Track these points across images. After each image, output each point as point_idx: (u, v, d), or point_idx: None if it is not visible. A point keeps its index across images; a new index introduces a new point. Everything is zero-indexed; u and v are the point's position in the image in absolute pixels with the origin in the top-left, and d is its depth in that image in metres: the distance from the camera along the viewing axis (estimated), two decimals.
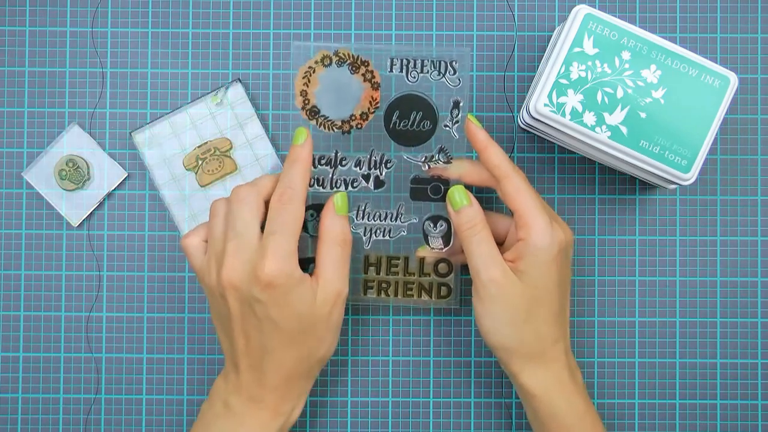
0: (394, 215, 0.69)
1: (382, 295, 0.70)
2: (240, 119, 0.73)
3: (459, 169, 0.67)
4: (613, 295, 0.73)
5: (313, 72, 0.66)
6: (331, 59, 0.66)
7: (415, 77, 0.66)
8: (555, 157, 0.74)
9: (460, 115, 0.67)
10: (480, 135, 0.66)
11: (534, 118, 0.66)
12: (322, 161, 0.68)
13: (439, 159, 0.68)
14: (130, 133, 0.73)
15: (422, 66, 0.66)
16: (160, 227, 0.74)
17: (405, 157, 0.68)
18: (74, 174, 0.73)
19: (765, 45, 0.74)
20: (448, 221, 0.68)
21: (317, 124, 0.67)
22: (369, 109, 0.67)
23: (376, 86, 0.66)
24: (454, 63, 0.66)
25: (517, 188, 0.64)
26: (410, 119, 0.67)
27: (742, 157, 0.74)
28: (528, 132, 0.73)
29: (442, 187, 0.68)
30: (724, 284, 0.73)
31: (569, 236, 0.65)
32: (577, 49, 0.65)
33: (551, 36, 0.73)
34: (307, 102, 0.67)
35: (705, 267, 0.73)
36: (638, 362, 0.73)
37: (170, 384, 0.73)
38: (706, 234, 0.74)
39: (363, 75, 0.66)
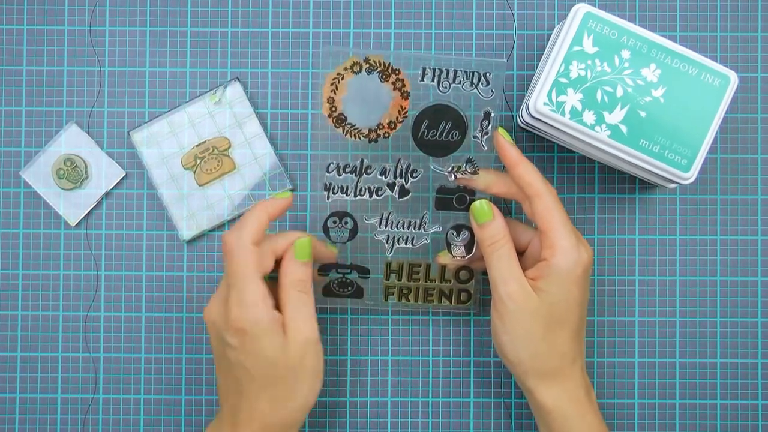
0: (418, 224, 0.69)
1: (403, 300, 0.70)
2: (238, 118, 0.73)
3: (485, 179, 0.67)
4: (613, 294, 0.73)
5: (342, 78, 0.65)
6: (361, 66, 0.65)
7: (446, 87, 0.65)
8: (555, 156, 0.74)
9: (490, 127, 0.66)
10: (511, 151, 0.65)
11: (533, 117, 0.66)
12: (347, 169, 0.67)
13: (466, 169, 0.67)
14: (128, 132, 0.73)
15: (455, 76, 0.65)
16: (159, 227, 0.73)
17: (432, 167, 0.67)
18: (72, 173, 0.73)
19: (765, 44, 0.74)
20: (471, 230, 0.68)
21: (343, 132, 0.66)
22: (397, 117, 0.66)
23: (406, 95, 0.65)
24: (488, 74, 0.65)
25: (547, 208, 0.63)
26: (439, 129, 0.66)
27: (742, 156, 0.74)
28: (527, 131, 0.73)
29: (468, 198, 0.68)
30: (724, 284, 0.73)
31: (590, 255, 0.65)
32: (576, 48, 0.65)
33: (551, 35, 0.73)
34: (334, 109, 0.65)
35: (705, 266, 0.73)
36: (638, 362, 0.73)
37: (168, 384, 0.73)
38: (706, 233, 0.73)
39: (393, 83, 0.65)
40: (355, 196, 0.67)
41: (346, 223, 0.68)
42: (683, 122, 0.65)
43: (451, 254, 0.69)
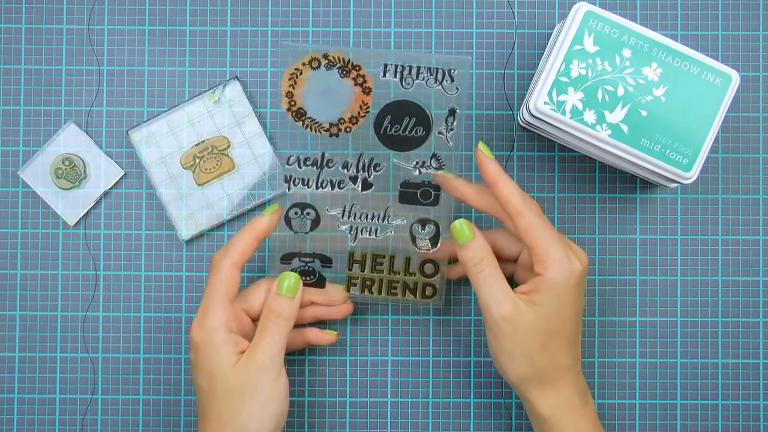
0: (382, 216, 0.69)
1: (366, 292, 0.70)
2: (238, 117, 0.73)
3: (466, 192, 0.66)
4: (614, 294, 0.73)
5: (300, 74, 0.65)
6: (319, 62, 0.65)
7: (409, 83, 0.65)
8: (555, 155, 0.74)
9: (455, 123, 0.66)
10: (491, 167, 0.64)
11: (534, 116, 0.65)
12: (308, 162, 0.67)
13: (431, 164, 0.67)
14: (126, 131, 0.73)
15: (418, 73, 0.65)
16: (157, 226, 0.73)
17: (395, 162, 0.67)
18: (70, 172, 0.73)
19: (767, 42, 0.73)
20: (436, 224, 0.68)
21: (303, 125, 0.66)
22: (359, 113, 0.66)
23: (367, 91, 0.66)
24: (452, 71, 0.65)
25: (530, 224, 0.63)
26: (402, 125, 0.66)
27: (743, 155, 0.73)
28: (528, 130, 0.73)
29: (432, 192, 0.68)
30: (725, 284, 0.73)
31: (584, 263, 0.64)
32: (577, 47, 0.64)
33: (551, 34, 0.73)
34: (293, 103, 0.66)
35: (706, 266, 0.73)
36: (639, 362, 0.73)
37: (167, 384, 0.73)
38: (708, 233, 0.73)
39: (354, 79, 0.65)
40: (317, 188, 0.67)
41: (308, 213, 0.68)
42: (684, 121, 0.64)
43: (416, 247, 0.68)
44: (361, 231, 0.69)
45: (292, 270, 0.69)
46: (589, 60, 0.64)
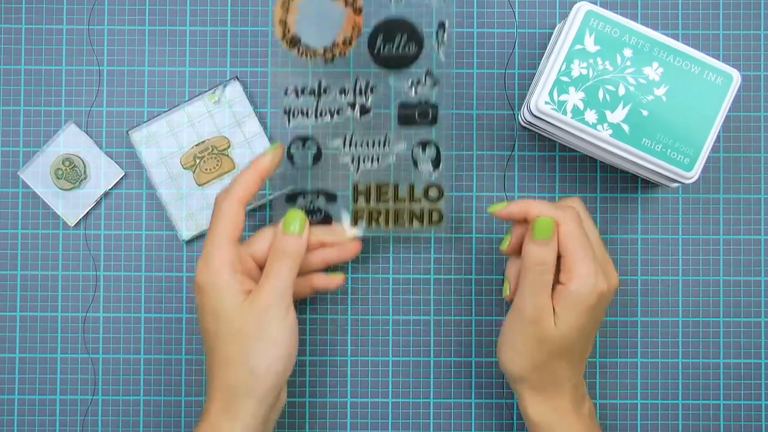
0: (382, 142, 0.69)
1: (374, 224, 0.69)
2: (238, 117, 0.73)
3: (513, 211, 0.64)
4: (615, 294, 0.73)
5: (292, 0, 0.65)
6: None
7: (399, 0, 0.66)
8: (556, 155, 0.73)
9: (445, 37, 0.67)
10: (511, 209, 0.64)
11: (535, 116, 0.65)
12: (306, 91, 0.67)
13: (425, 82, 0.67)
14: (127, 131, 0.73)
15: None
16: (158, 227, 0.73)
17: (391, 84, 0.68)
18: (70, 173, 0.72)
19: None
20: (436, 145, 0.68)
21: (298, 53, 0.66)
22: (352, 34, 0.66)
23: (358, 11, 0.66)
24: None
25: (566, 234, 0.62)
26: (395, 43, 0.67)
27: (745, 155, 0.73)
28: (529, 130, 0.73)
29: (430, 111, 0.68)
30: (727, 283, 0.73)
31: (612, 285, 0.64)
32: (578, 47, 0.64)
33: (552, 33, 0.72)
34: (287, 31, 0.66)
35: (708, 266, 0.73)
36: (640, 362, 0.73)
37: (168, 385, 0.73)
38: (709, 233, 0.73)
39: (344, 0, 0.65)
40: (316, 118, 0.67)
41: (309, 147, 0.68)
42: (686, 121, 0.64)
43: (418, 170, 0.68)
44: (363, 160, 0.69)
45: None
46: (590, 60, 0.64)
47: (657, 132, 0.64)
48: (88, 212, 0.73)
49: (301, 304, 0.73)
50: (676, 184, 0.68)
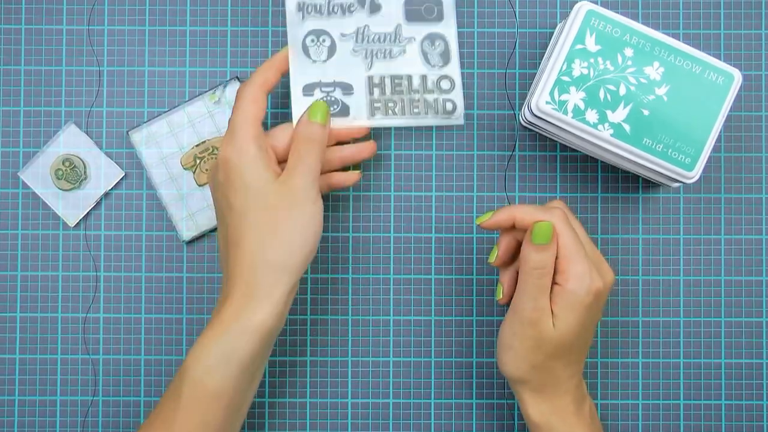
0: (393, 36, 0.69)
1: (389, 114, 0.69)
2: None
3: (500, 219, 0.64)
4: (617, 294, 0.73)
5: None
6: None
7: None
8: (557, 155, 0.73)
9: None
10: (499, 216, 0.64)
11: (536, 115, 0.65)
12: None
13: None
14: (127, 132, 0.72)
15: None
16: (158, 227, 0.73)
17: None
18: (71, 173, 0.72)
19: None
20: (444, 40, 0.69)
21: None
22: None
23: None
24: None
25: (558, 234, 0.62)
26: None
27: (746, 155, 0.73)
28: (530, 130, 0.72)
29: (435, 8, 0.68)
30: (728, 283, 0.73)
31: (608, 282, 0.64)
32: (579, 46, 0.64)
33: (553, 33, 0.72)
34: None
35: (709, 266, 0.73)
36: (642, 362, 0.73)
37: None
38: (710, 233, 0.73)
39: None
40: (328, 14, 0.68)
41: (323, 40, 0.69)
42: (687, 121, 0.64)
43: (429, 64, 0.69)
44: (376, 54, 0.69)
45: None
46: (590, 59, 0.64)
47: (658, 132, 0.64)
48: (88, 213, 0.73)
49: (301, 304, 0.73)
50: (677, 184, 0.68)
